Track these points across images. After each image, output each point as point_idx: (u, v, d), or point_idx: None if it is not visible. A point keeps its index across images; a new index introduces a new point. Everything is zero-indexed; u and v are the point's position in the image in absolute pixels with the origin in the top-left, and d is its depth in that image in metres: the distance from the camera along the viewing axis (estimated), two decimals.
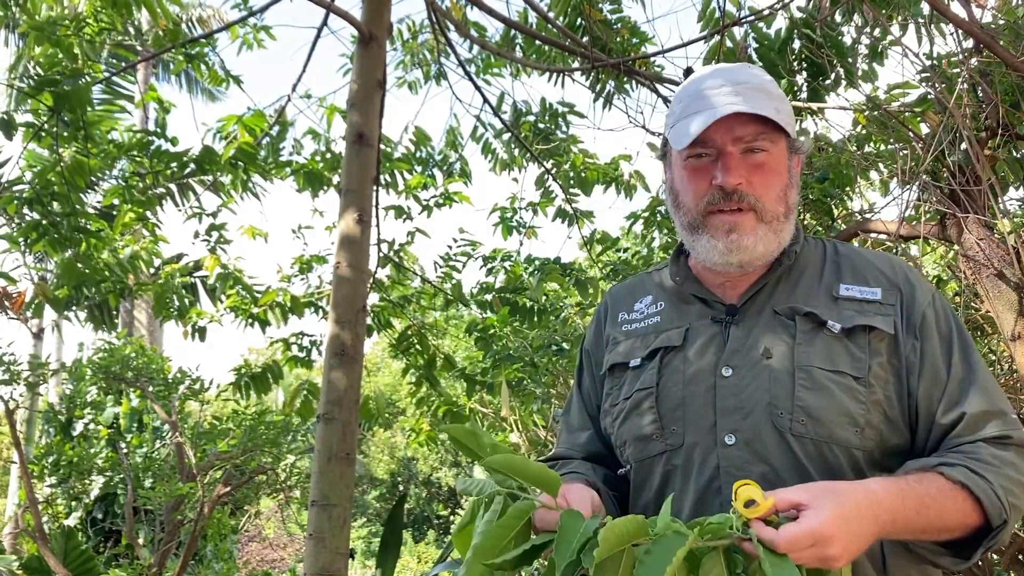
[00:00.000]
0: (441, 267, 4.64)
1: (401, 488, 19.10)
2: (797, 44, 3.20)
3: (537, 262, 4.46)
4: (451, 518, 17.75)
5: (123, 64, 3.90)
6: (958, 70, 3.08)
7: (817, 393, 1.10)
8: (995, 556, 3.29)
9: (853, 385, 1.11)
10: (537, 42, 4.21)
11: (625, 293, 1.38)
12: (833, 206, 3.54)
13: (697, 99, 1.18)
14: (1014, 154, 3.28)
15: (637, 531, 0.90)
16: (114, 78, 3.73)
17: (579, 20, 3.96)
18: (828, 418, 1.09)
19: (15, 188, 3.65)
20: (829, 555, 0.89)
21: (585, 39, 3.96)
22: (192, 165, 3.89)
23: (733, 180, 1.15)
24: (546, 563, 0.93)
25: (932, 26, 3.19)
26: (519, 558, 0.96)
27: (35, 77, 3.18)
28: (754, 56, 3.31)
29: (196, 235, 4.34)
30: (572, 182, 4.54)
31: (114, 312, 4.78)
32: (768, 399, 1.11)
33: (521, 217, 4.67)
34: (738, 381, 1.15)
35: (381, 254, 4.57)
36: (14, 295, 4.00)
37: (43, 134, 3.35)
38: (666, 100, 3.86)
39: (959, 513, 1.02)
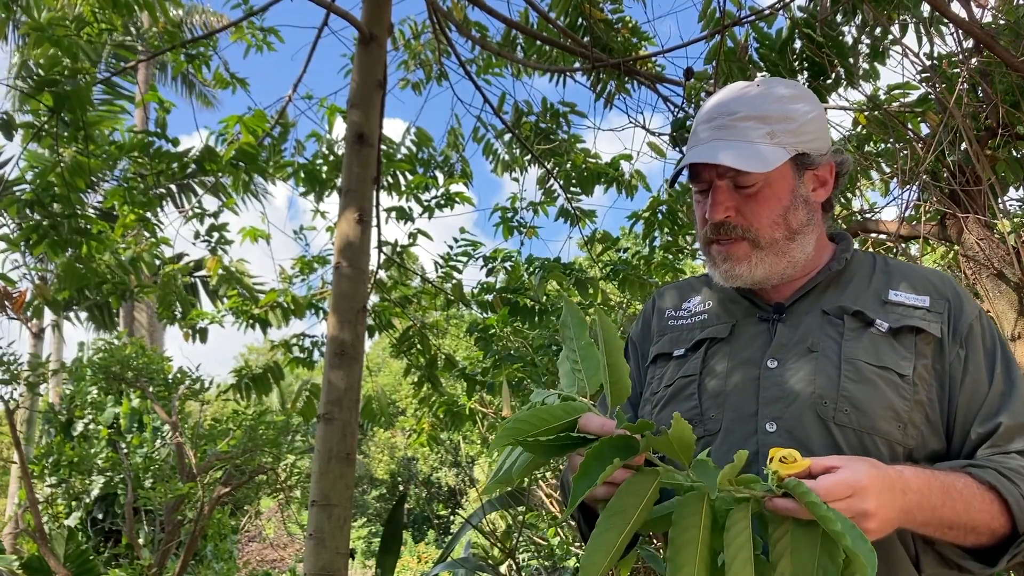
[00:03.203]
0: (442, 267, 4.65)
1: (401, 488, 19.11)
2: (798, 44, 3.20)
3: (538, 262, 4.46)
4: (451, 518, 17.75)
5: (123, 64, 3.90)
6: (958, 70, 3.08)
7: (862, 385, 1.11)
8: None
9: (898, 382, 1.12)
10: (538, 42, 4.21)
11: (673, 291, 1.41)
12: (832, 206, 3.54)
13: (694, 132, 1.23)
14: (1014, 154, 3.28)
15: (691, 443, 0.92)
16: (114, 78, 3.72)
17: (580, 20, 3.96)
18: (872, 409, 1.10)
19: (15, 189, 3.65)
20: (865, 508, 0.89)
21: (586, 39, 3.96)
22: (193, 165, 3.89)
23: (718, 215, 1.20)
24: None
25: (932, 26, 3.19)
26: (551, 445, 0.95)
27: (35, 77, 3.18)
28: (755, 56, 3.31)
29: (197, 236, 4.34)
30: (573, 181, 4.54)
31: (115, 312, 4.78)
32: (813, 388, 1.13)
33: (522, 217, 4.67)
34: (783, 372, 1.16)
35: (383, 256, 4.57)
36: (14, 295, 4.00)
37: (43, 134, 3.35)
38: (667, 100, 3.86)
39: (986, 513, 1.02)
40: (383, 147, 4.30)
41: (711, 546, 0.90)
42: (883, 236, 3.50)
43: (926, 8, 3.11)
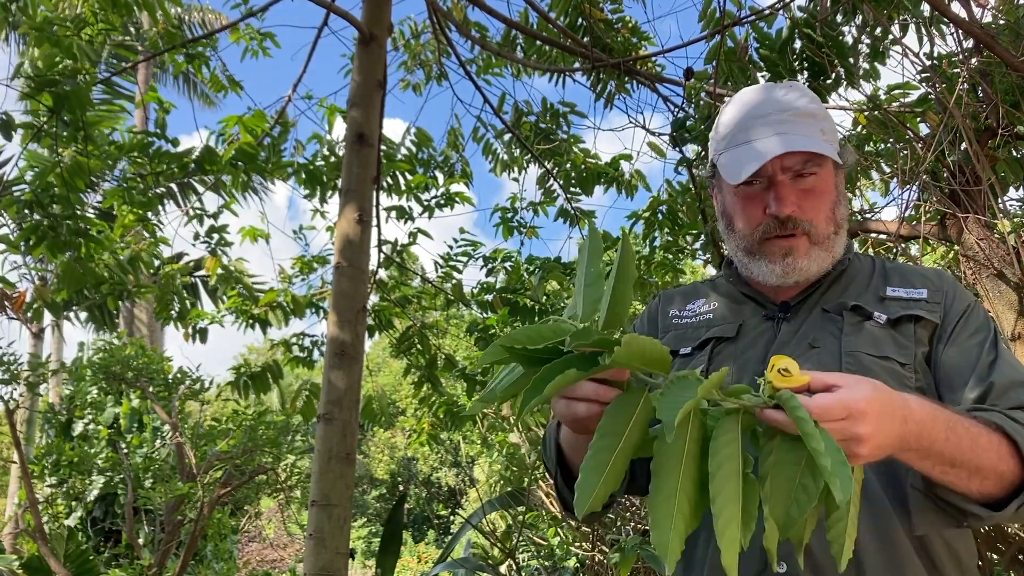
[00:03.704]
0: (442, 267, 4.65)
1: (401, 488, 19.11)
2: (798, 44, 3.20)
3: (538, 262, 4.46)
4: (451, 518, 17.75)
5: (123, 64, 3.90)
6: (958, 70, 3.08)
7: (863, 375, 1.11)
8: (995, 556, 3.29)
9: (899, 370, 1.13)
10: (538, 42, 4.21)
11: (678, 295, 1.42)
12: None
13: (746, 128, 1.22)
14: (1014, 154, 3.28)
15: (659, 356, 0.87)
16: (114, 78, 3.72)
17: (580, 20, 3.96)
18: None
19: (15, 189, 3.65)
20: (859, 432, 0.85)
21: (586, 39, 3.96)
22: (193, 166, 3.89)
23: (787, 210, 1.20)
24: None
25: (932, 26, 3.19)
26: (538, 357, 0.91)
27: (35, 77, 3.18)
28: (755, 56, 3.31)
29: (196, 237, 4.34)
30: (573, 181, 4.54)
31: (114, 312, 4.78)
32: None
33: (522, 217, 4.67)
34: None
35: (383, 255, 4.57)
36: (14, 296, 4.00)
37: (43, 134, 3.34)
38: (667, 100, 3.86)
39: (992, 453, 0.99)
40: (383, 147, 4.30)
41: (699, 461, 0.85)
42: (883, 236, 3.50)
43: (926, 8, 3.11)
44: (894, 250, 3.49)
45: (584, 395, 0.94)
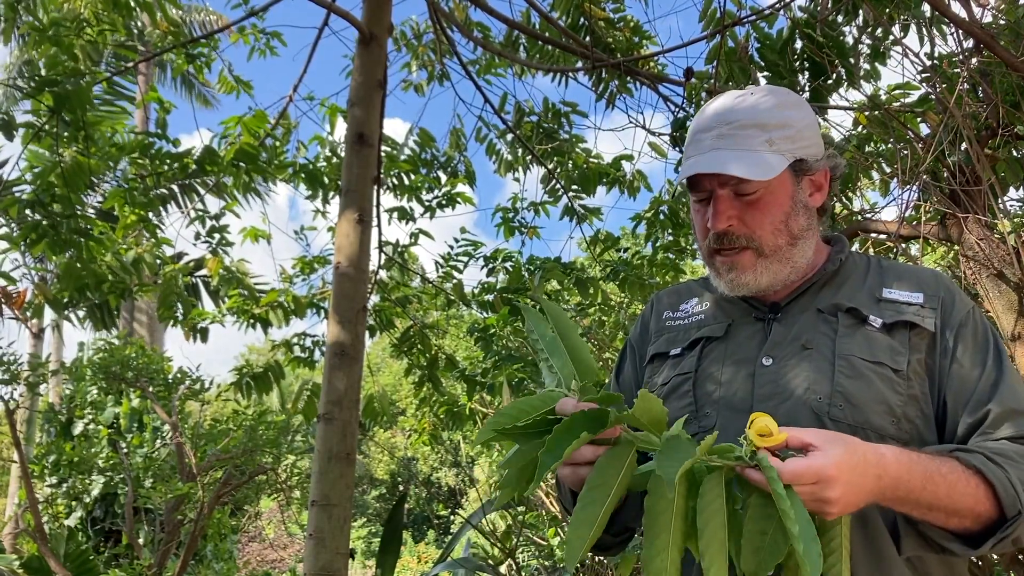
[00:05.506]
0: (442, 267, 4.65)
1: (401, 488, 19.11)
2: (798, 44, 3.20)
3: (538, 262, 4.46)
4: (451, 518, 17.74)
5: (124, 65, 3.91)
6: (958, 70, 3.08)
7: (856, 380, 1.12)
8: (995, 556, 3.29)
9: (892, 377, 1.13)
10: (539, 42, 4.21)
11: (672, 295, 1.42)
12: (833, 206, 3.54)
13: (692, 143, 1.23)
14: (1014, 154, 3.28)
15: (660, 415, 0.93)
16: (115, 78, 3.73)
17: (581, 20, 3.96)
18: (866, 404, 1.11)
19: (15, 189, 3.65)
20: (828, 496, 0.90)
21: (587, 39, 3.96)
22: (194, 167, 3.90)
23: (721, 225, 1.20)
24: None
25: (933, 26, 3.19)
26: (531, 432, 0.96)
27: (35, 77, 3.18)
28: (755, 56, 3.31)
29: (198, 236, 4.34)
30: (575, 181, 4.54)
31: (115, 312, 4.77)
32: (807, 384, 1.14)
33: (523, 217, 4.67)
34: (778, 369, 1.17)
35: (384, 256, 4.57)
36: (14, 295, 4.00)
37: (43, 135, 3.35)
38: (667, 100, 3.86)
39: (970, 497, 1.01)
40: (386, 148, 4.30)
41: (687, 513, 0.91)
42: (883, 236, 3.50)
43: (926, 8, 3.11)
44: (894, 250, 3.50)
45: (585, 459, 0.99)
